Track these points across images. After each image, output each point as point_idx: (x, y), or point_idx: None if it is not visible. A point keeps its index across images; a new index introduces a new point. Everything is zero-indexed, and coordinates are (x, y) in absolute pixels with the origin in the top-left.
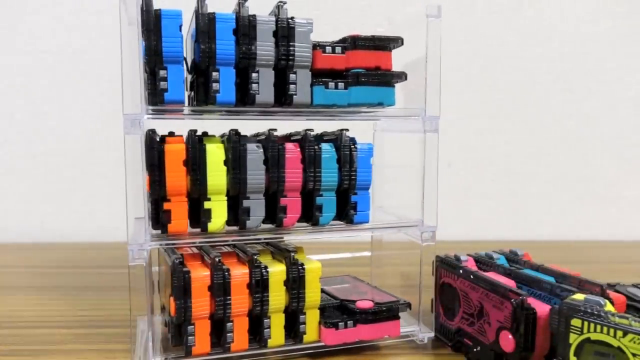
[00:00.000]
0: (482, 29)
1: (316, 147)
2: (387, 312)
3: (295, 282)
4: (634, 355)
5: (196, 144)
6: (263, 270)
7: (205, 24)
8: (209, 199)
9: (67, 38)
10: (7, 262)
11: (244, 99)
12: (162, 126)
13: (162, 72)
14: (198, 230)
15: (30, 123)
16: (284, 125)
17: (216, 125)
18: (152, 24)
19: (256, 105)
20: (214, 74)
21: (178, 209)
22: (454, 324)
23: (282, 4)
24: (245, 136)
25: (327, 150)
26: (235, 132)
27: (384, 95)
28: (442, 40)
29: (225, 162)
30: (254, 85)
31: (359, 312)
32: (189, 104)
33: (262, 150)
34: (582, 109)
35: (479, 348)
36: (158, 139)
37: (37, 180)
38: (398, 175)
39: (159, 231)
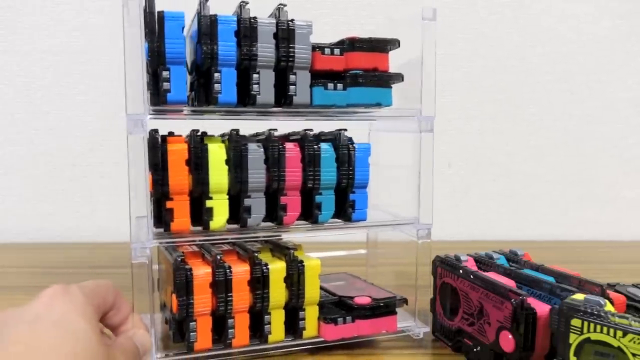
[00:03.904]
0: (482, 29)
1: (316, 146)
2: (384, 308)
3: (295, 279)
4: (634, 355)
5: (198, 143)
6: (264, 268)
7: (207, 26)
8: (210, 198)
9: (67, 38)
10: (7, 262)
11: (245, 100)
12: (162, 126)
13: (165, 73)
14: (199, 228)
15: (30, 123)
16: (283, 126)
17: (216, 125)
18: (156, 25)
19: (257, 105)
20: (216, 75)
21: (180, 208)
22: (454, 323)
23: (282, 6)
24: (245, 136)
25: (326, 149)
26: (237, 132)
27: (381, 95)
28: (441, 40)
29: (227, 162)
30: (255, 86)
31: (357, 307)
32: (190, 104)
33: (262, 149)
34: (582, 109)
35: (479, 348)
36: (160, 139)
37: (37, 180)
38: (393, 174)
39: (161, 230)
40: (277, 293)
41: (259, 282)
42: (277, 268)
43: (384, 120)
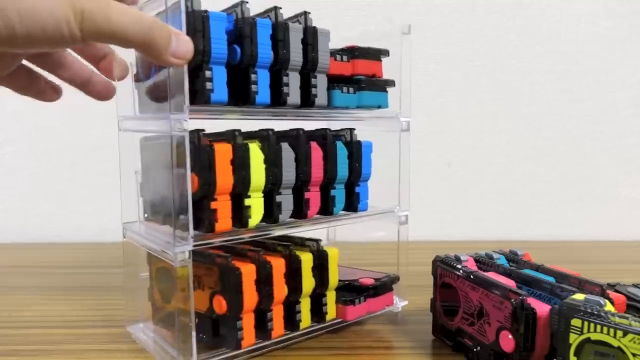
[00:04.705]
0: (482, 29)
1: (334, 144)
2: (386, 286)
3: (321, 267)
4: (634, 355)
5: (241, 144)
6: (298, 260)
7: (248, 29)
8: (249, 197)
9: None
10: (7, 262)
11: (275, 100)
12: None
13: (208, 73)
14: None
15: (31, 122)
16: (282, 125)
17: (214, 124)
18: (200, 24)
19: (287, 106)
20: (253, 75)
21: (223, 208)
22: (454, 324)
23: (307, 13)
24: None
25: (341, 147)
26: (272, 132)
27: (382, 99)
28: (441, 40)
29: (264, 161)
30: (286, 88)
31: (365, 288)
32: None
33: (291, 148)
34: (582, 109)
35: (479, 348)
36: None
37: (37, 180)
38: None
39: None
40: (308, 282)
41: (295, 273)
42: (307, 259)
43: (369, 121)
